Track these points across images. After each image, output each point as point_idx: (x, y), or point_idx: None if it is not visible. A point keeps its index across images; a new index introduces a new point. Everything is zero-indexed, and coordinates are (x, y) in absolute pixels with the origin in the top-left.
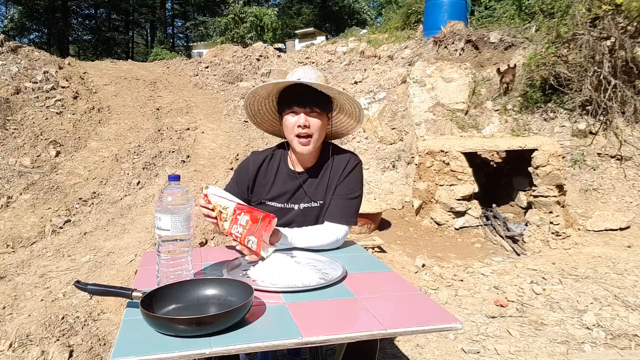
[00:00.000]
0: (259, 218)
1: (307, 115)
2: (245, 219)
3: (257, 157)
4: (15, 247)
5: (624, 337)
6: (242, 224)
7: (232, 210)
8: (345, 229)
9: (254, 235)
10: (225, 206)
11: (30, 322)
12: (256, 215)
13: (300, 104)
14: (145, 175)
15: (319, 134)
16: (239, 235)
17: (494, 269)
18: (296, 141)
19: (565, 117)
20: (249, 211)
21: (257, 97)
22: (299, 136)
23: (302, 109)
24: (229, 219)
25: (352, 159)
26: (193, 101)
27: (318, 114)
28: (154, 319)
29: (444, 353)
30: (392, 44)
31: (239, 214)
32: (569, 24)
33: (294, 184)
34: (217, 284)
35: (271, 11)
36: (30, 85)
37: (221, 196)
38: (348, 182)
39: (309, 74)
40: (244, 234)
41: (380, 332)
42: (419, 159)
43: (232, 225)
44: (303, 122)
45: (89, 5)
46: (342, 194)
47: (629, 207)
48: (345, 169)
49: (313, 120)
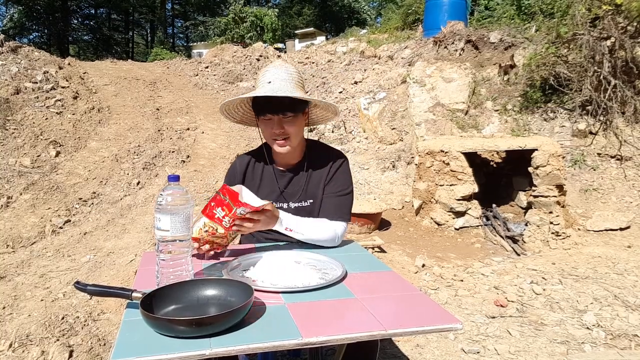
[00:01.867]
0: (223, 199)
1: (282, 121)
2: (221, 212)
3: (243, 159)
4: (15, 247)
5: (624, 337)
6: (222, 215)
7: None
8: (343, 225)
9: (234, 207)
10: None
11: (30, 322)
12: (221, 199)
13: (272, 111)
14: (145, 175)
15: (295, 135)
16: (227, 223)
17: (494, 269)
18: (275, 144)
19: (565, 117)
20: (217, 204)
21: (231, 105)
22: (276, 139)
23: (276, 116)
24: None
25: (338, 157)
26: (193, 101)
27: (293, 117)
28: (154, 319)
29: (444, 353)
30: (392, 44)
31: (214, 212)
32: (569, 24)
33: (282, 182)
34: (217, 284)
35: (271, 12)
36: (30, 86)
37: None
38: (337, 180)
39: (280, 75)
40: (230, 217)
41: (380, 332)
42: (419, 159)
43: (221, 223)
44: (277, 128)
45: (89, 5)
46: (333, 192)
47: (629, 207)
48: (333, 167)
49: (288, 124)
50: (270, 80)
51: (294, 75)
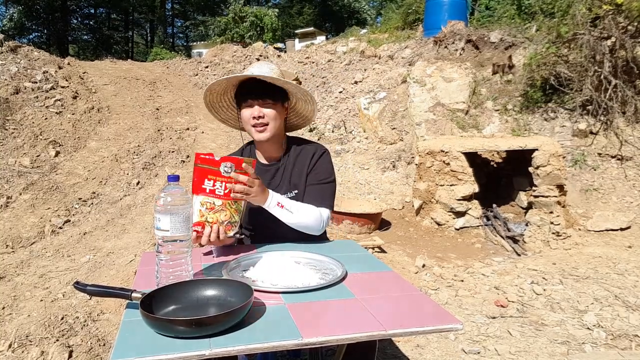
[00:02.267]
0: (204, 168)
1: (261, 107)
2: (208, 182)
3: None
4: (14, 248)
5: (625, 337)
6: (211, 184)
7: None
8: (327, 212)
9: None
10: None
11: (29, 322)
12: (202, 169)
13: (252, 96)
14: (145, 175)
15: (274, 123)
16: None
17: (494, 269)
18: (253, 130)
19: (566, 117)
20: (200, 176)
21: (214, 94)
22: (255, 126)
23: (256, 101)
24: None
25: (318, 148)
26: (193, 101)
27: (272, 104)
28: (154, 320)
29: (444, 353)
30: (392, 44)
31: (203, 186)
32: (569, 24)
33: (266, 177)
34: (216, 284)
35: (271, 12)
36: (29, 85)
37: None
38: (319, 169)
39: (262, 69)
40: (220, 181)
41: (380, 332)
42: (419, 159)
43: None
44: (257, 113)
45: (89, 5)
46: (315, 180)
47: (629, 207)
48: (314, 157)
49: (267, 110)
50: (253, 72)
51: (275, 70)
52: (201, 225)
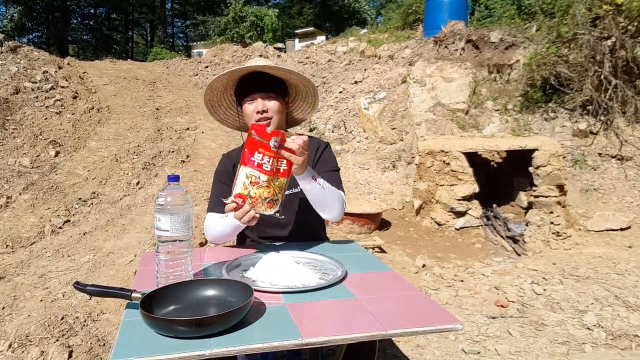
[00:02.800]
0: (257, 140)
1: (264, 100)
2: (258, 155)
3: (230, 156)
4: (14, 248)
5: (625, 337)
6: (260, 157)
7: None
8: (343, 195)
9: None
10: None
11: (29, 322)
12: (254, 140)
13: (255, 89)
14: (144, 175)
15: (277, 117)
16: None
17: (494, 269)
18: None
19: (566, 117)
20: (252, 148)
21: (215, 92)
22: (259, 121)
23: (259, 94)
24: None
25: (321, 143)
26: (193, 101)
27: (275, 97)
28: (154, 320)
29: (444, 354)
30: (393, 44)
31: (252, 159)
32: (569, 24)
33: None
34: (216, 284)
35: (271, 12)
36: (29, 85)
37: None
38: (325, 159)
39: (260, 62)
40: (269, 156)
41: (380, 333)
42: (419, 159)
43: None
44: (261, 107)
45: (89, 5)
46: (324, 169)
47: (629, 207)
48: (318, 151)
49: (270, 103)
50: (251, 65)
51: (273, 65)
52: (242, 198)
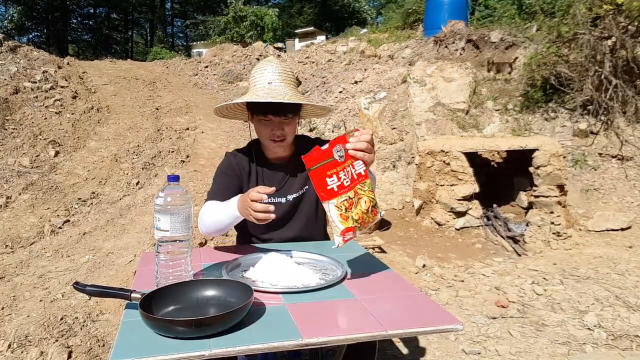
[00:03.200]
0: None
1: (281, 122)
2: (335, 180)
3: (235, 157)
4: (14, 248)
5: (626, 337)
6: (336, 180)
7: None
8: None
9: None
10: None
11: (29, 322)
12: (320, 169)
13: (274, 113)
14: (144, 176)
15: (292, 135)
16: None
17: (494, 269)
18: (270, 143)
19: (566, 117)
20: (320, 176)
21: (227, 106)
22: (274, 140)
23: (277, 117)
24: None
25: (323, 142)
26: (192, 101)
27: (292, 119)
28: (153, 320)
29: (444, 354)
30: (393, 44)
31: (329, 187)
32: (569, 24)
33: (277, 176)
34: (216, 285)
35: (272, 11)
36: (29, 85)
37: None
38: None
39: (278, 75)
40: (342, 169)
41: (380, 333)
42: (420, 159)
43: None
44: (279, 133)
45: (88, 5)
46: None
47: (630, 207)
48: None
49: (287, 125)
50: (270, 81)
51: (290, 75)
52: (351, 230)
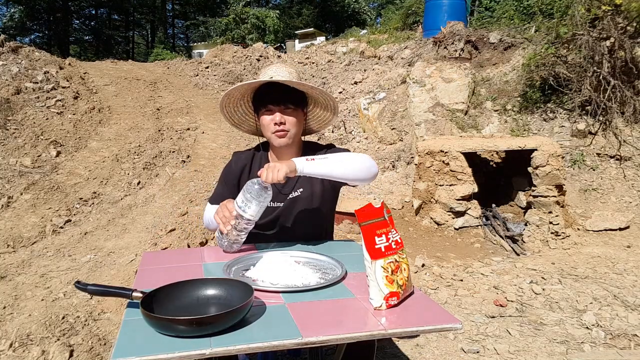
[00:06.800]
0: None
1: (282, 113)
2: (384, 239)
3: (240, 157)
4: (15, 247)
5: (624, 336)
6: (385, 239)
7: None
8: (359, 154)
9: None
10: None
11: (30, 321)
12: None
13: (274, 102)
14: (145, 175)
15: (295, 129)
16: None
17: (493, 268)
18: (273, 137)
19: (565, 118)
20: (370, 234)
21: (232, 99)
22: (275, 132)
23: (277, 107)
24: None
25: (329, 145)
26: (193, 101)
27: (293, 110)
28: (154, 319)
29: (443, 353)
30: (392, 45)
31: (379, 249)
32: (568, 25)
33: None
34: (217, 284)
35: (273, 13)
36: (30, 86)
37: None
38: (333, 151)
39: (281, 72)
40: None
41: (380, 332)
42: (419, 159)
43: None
44: (279, 119)
45: (90, 5)
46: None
47: (628, 207)
48: (325, 149)
49: (288, 116)
50: (272, 76)
51: (293, 73)
52: (396, 296)
